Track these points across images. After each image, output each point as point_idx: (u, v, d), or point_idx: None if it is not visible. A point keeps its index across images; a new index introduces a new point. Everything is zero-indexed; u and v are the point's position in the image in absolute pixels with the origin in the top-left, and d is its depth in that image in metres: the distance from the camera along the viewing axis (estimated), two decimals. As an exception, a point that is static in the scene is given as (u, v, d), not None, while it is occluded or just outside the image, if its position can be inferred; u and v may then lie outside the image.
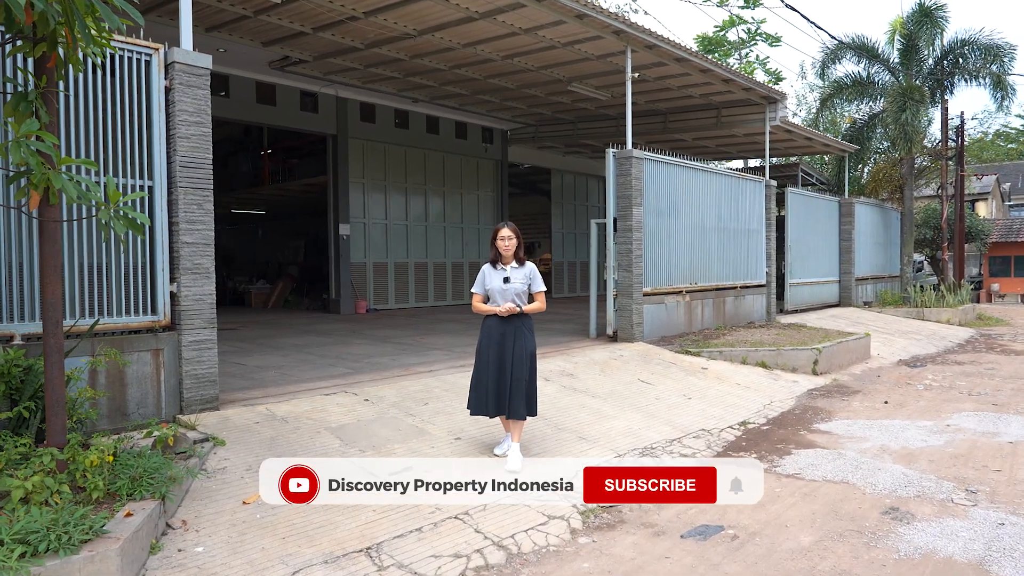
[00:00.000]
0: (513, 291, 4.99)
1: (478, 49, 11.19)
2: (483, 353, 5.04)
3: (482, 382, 5.01)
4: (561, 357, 8.71)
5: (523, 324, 5.03)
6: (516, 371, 4.93)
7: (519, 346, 4.97)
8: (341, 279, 15.08)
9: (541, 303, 5.16)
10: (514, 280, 5.00)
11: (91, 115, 5.02)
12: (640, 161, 10.18)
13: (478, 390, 5.05)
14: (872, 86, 19.02)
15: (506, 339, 4.97)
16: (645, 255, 10.36)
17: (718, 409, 7.40)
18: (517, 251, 5.07)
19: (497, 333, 4.98)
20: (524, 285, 5.03)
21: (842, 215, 17.83)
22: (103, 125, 5.08)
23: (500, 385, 4.95)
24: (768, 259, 13.87)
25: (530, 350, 5.03)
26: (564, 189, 21.60)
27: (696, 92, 13.63)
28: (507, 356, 4.96)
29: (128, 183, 5.22)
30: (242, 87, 13.38)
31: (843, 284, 17.92)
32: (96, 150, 5.05)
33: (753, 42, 28.40)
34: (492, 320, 5.03)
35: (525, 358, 4.98)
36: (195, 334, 5.45)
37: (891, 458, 5.87)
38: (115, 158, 5.15)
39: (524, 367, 4.97)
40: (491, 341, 5.00)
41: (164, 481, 3.81)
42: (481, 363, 5.04)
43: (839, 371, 10.08)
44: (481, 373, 5.03)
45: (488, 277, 5.08)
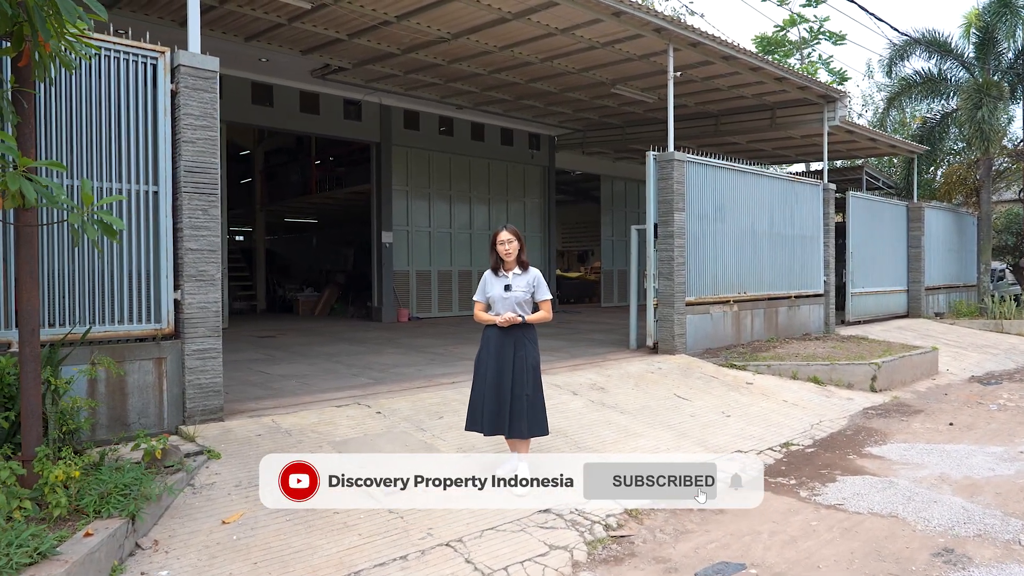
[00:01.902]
0: (514, 299, 4.64)
1: (515, 52, 10.92)
2: (480, 366, 4.69)
3: (477, 397, 4.66)
4: (594, 369, 8.29)
5: (524, 335, 4.67)
6: (517, 387, 4.57)
7: (519, 358, 4.60)
8: (383, 287, 15.02)
9: (547, 312, 4.79)
10: (516, 288, 4.66)
11: (94, 119, 4.94)
12: (682, 164, 9.68)
13: (473, 405, 4.70)
14: (944, 83, 17.82)
15: (504, 351, 4.61)
16: (688, 262, 9.83)
17: (759, 428, 6.84)
18: (519, 255, 4.72)
19: (495, 345, 4.63)
20: (527, 293, 4.68)
21: (911, 220, 16.72)
22: (106, 129, 5.00)
23: (498, 403, 4.57)
24: (826, 267, 13.06)
25: (532, 363, 4.65)
26: (614, 196, 21.10)
27: (748, 92, 12.99)
28: (506, 370, 4.59)
29: (133, 188, 5.14)
30: (286, 96, 13.50)
31: (911, 294, 16.79)
32: (99, 154, 4.97)
33: (816, 41, 27.21)
34: (491, 330, 4.69)
35: (527, 371, 4.60)
36: (199, 343, 5.30)
37: (950, 489, 5.23)
38: (118, 162, 5.07)
39: (527, 382, 4.59)
40: (489, 353, 4.64)
41: (136, 498, 3.63)
42: (478, 377, 4.68)
43: (901, 388, 9.30)
44: (477, 387, 4.67)
45: (489, 284, 4.74)
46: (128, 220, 5.12)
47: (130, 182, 5.12)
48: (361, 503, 4.33)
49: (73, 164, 4.85)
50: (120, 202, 5.08)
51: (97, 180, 4.97)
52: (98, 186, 4.97)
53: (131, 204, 5.12)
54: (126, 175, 5.10)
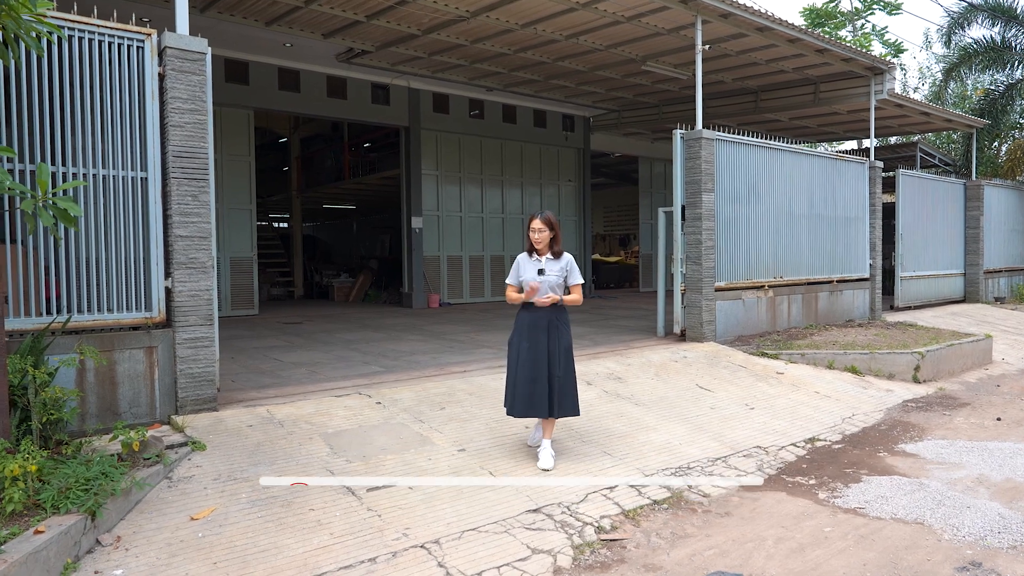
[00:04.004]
0: (548, 284, 4.81)
1: (538, 29, 10.55)
2: (514, 347, 4.86)
3: (511, 379, 4.84)
4: (614, 358, 7.96)
5: (558, 318, 4.85)
6: (553, 368, 4.76)
7: (554, 341, 4.79)
8: (414, 273, 14.91)
9: (578, 295, 4.94)
10: (549, 272, 4.83)
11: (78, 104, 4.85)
12: (711, 142, 9.19)
13: (508, 387, 4.90)
14: (1008, 51, 16.67)
15: (538, 334, 4.77)
16: (718, 246, 9.36)
17: (783, 422, 6.43)
18: (552, 243, 4.87)
19: (529, 327, 4.80)
20: (560, 278, 4.85)
21: (968, 199, 15.70)
22: (91, 114, 4.91)
23: (533, 385, 4.72)
24: (872, 250, 12.35)
25: (565, 344, 4.84)
26: (653, 178, 20.49)
27: (788, 66, 12.32)
28: (541, 352, 4.76)
29: (120, 174, 5.04)
30: (313, 82, 13.42)
31: (968, 277, 15.81)
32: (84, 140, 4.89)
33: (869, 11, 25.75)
34: (525, 314, 4.86)
35: (560, 353, 4.79)
36: (191, 331, 5.20)
37: (988, 493, 4.77)
38: (104, 148, 4.97)
39: (559, 364, 4.78)
40: (523, 336, 4.81)
41: (97, 493, 3.52)
42: (512, 358, 4.85)
43: (948, 379, 8.69)
44: (512, 369, 4.85)
45: (523, 267, 4.90)
46: (116, 207, 5.03)
47: (117, 168, 5.02)
48: (340, 500, 4.16)
49: (56, 151, 4.76)
50: (109, 189, 5.00)
51: (83, 167, 4.89)
52: (84, 173, 4.89)
53: (119, 191, 5.03)
54: (112, 161, 5.00)
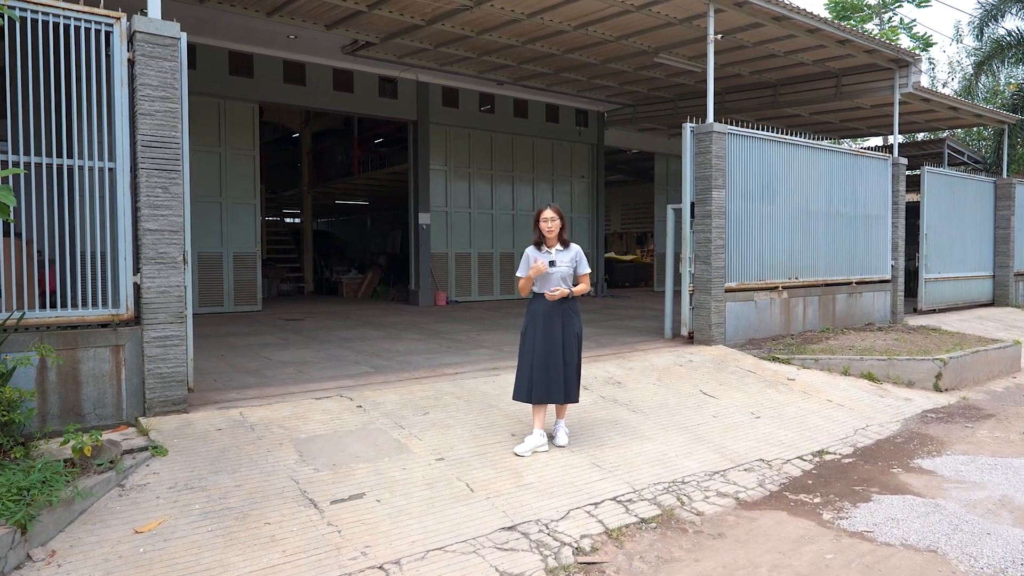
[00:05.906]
0: (559, 275, 4.94)
1: (545, 19, 10.21)
2: (529, 336, 4.97)
3: (525, 368, 4.94)
4: (616, 361, 7.62)
5: (570, 307, 5.02)
6: (567, 355, 4.92)
7: (568, 328, 4.95)
8: (420, 270, 14.65)
9: (586, 284, 5.16)
10: (560, 263, 4.96)
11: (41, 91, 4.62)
12: (723, 136, 8.79)
13: (521, 375, 4.99)
14: (1043, 44, 15.98)
15: (553, 323, 4.92)
16: (729, 245, 8.96)
17: (791, 433, 6.04)
18: (561, 233, 5.02)
19: (543, 317, 4.93)
20: (570, 268, 5.00)
21: (999, 198, 15.07)
22: (55, 102, 4.68)
23: (549, 372, 4.86)
24: (895, 250, 11.84)
25: (577, 332, 5.03)
26: (669, 175, 20.00)
27: (808, 58, 11.84)
28: (556, 341, 4.90)
29: (87, 165, 4.81)
30: (318, 75, 13.19)
31: (998, 280, 15.18)
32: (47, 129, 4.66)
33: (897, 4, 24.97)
34: (538, 304, 4.98)
35: (574, 341, 4.98)
36: (159, 329, 4.96)
37: (1011, 518, 4.36)
38: (69, 137, 4.75)
39: (574, 351, 4.97)
40: (536, 326, 4.94)
41: (30, 504, 3.28)
42: (525, 348, 4.97)
43: (972, 387, 8.21)
44: (525, 358, 4.96)
45: (532, 260, 4.97)
46: (83, 199, 4.81)
47: (83, 158, 4.80)
48: (299, 513, 3.89)
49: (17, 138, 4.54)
50: (75, 180, 4.78)
51: (45, 157, 4.66)
52: (47, 163, 4.67)
53: (85, 182, 4.80)
54: (78, 151, 4.77)
